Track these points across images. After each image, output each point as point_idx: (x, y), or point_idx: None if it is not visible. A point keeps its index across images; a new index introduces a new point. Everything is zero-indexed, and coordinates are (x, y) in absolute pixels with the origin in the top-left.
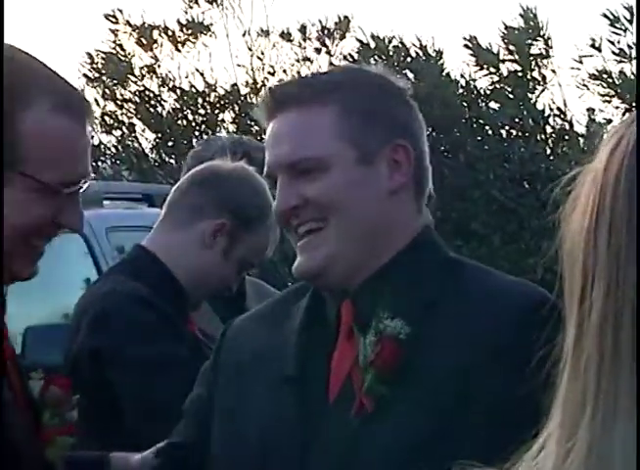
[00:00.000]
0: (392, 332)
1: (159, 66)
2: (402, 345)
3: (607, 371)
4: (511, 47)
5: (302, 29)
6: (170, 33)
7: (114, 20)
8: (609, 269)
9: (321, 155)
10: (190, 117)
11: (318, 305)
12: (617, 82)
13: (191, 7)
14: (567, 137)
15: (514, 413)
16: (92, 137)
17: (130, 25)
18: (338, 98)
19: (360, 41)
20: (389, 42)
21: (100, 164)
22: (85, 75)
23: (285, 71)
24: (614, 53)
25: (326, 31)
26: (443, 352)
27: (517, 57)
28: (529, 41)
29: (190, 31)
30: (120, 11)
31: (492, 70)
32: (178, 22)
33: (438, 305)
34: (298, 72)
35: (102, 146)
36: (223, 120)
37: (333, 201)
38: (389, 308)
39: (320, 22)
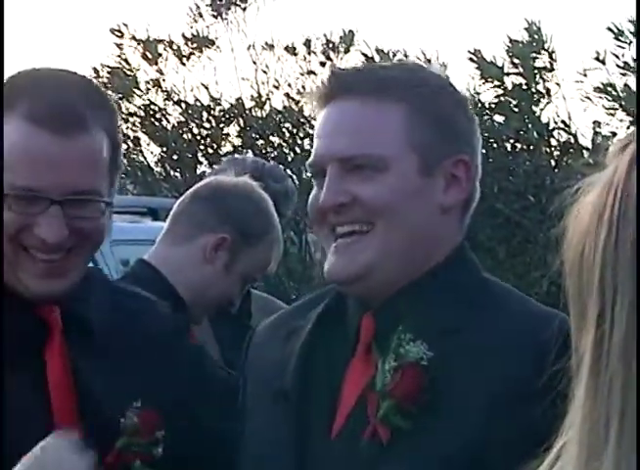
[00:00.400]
0: (415, 357)
1: (163, 79)
2: (423, 372)
3: (632, 392)
4: (515, 60)
5: (307, 43)
6: (175, 47)
7: (119, 34)
8: (631, 285)
9: (384, 154)
10: (195, 130)
11: (334, 316)
12: (621, 95)
13: (196, 21)
14: (571, 150)
15: (534, 447)
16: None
17: (135, 40)
18: (407, 96)
19: (365, 54)
20: (394, 55)
21: None
22: None
23: (290, 85)
24: (618, 66)
25: (331, 45)
26: (463, 382)
27: (521, 70)
28: (534, 54)
29: (195, 45)
30: (126, 25)
31: (497, 83)
32: (183, 35)
33: (461, 332)
34: (303, 86)
35: None
36: (228, 134)
37: (386, 205)
38: (411, 329)
39: (325, 35)
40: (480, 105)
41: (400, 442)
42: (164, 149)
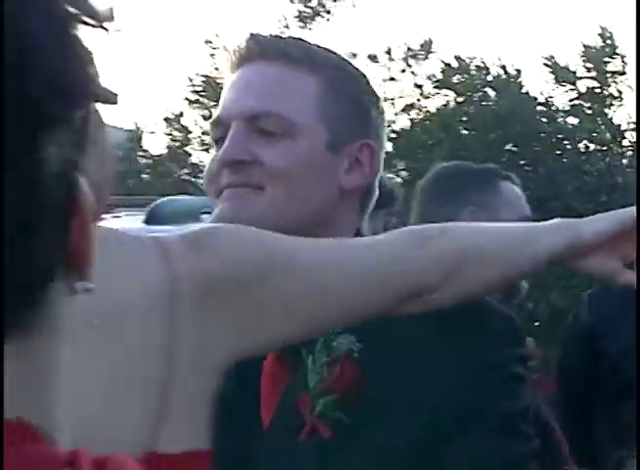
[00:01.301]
0: (347, 349)
1: None
2: (356, 363)
3: None
4: (588, 65)
5: (388, 51)
6: None
7: (212, 44)
8: None
9: (295, 120)
10: None
11: None
12: None
13: (283, 31)
14: None
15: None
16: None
17: (227, 50)
18: (324, 71)
19: (443, 61)
20: (471, 62)
21: (199, 180)
22: (186, 98)
23: None
24: None
25: (410, 52)
26: (397, 372)
27: (594, 74)
28: (607, 59)
29: None
30: (218, 36)
31: (570, 87)
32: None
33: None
34: (384, 92)
35: (201, 164)
36: None
37: (287, 171)
38: None
39: (405, 44)
40: (554, 108)
41: (342, 436)
42: None
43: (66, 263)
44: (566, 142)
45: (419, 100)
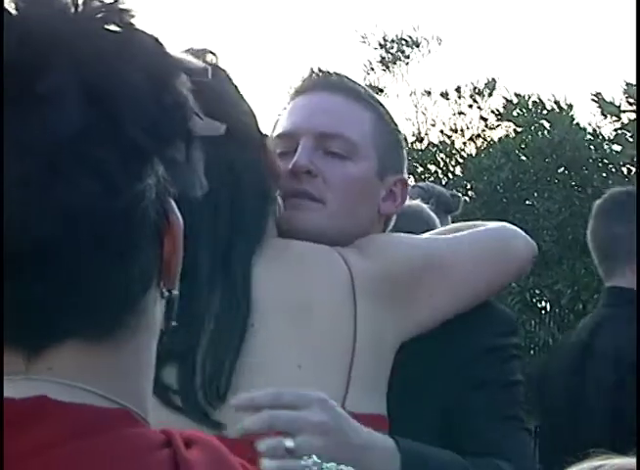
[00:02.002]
0: None
1: None
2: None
3: None
4: (630, 100)
5: (458, 89)
6: None
7: None
8: None
9: (358, 145)
10: None
11: None
12: None
13: (368, 73)
14: None
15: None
16: None
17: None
18: (377, 110)
19: (505, 98)
20: (529, 98)
21: None
22: None
23: (443, 123)
24: None
25: (477, 90)
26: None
27: (636, 107)
28: None
29: None
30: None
31: (615, 118)
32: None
33: None
34: (455, 124)
35: None
36: None
37: (346, 190)
38: None
39: (472, 83)
40: (600, 137)
41: None
42: None
43: (159, 274)
44: (610, 166)
45: (484, 131)
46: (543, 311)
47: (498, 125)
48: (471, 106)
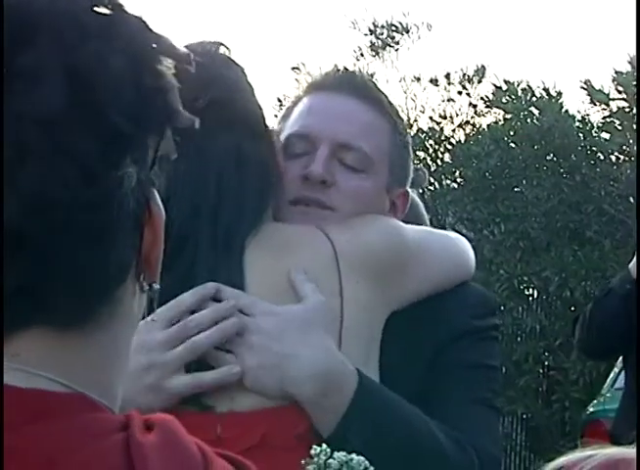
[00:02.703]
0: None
1: None
2: None
3: None
4: (619, 88)
5: (447, 76)
6: None
7: (298, 71)
8: None
9: (374, 159)
10: None
11: None
12: None
13: (358, 59)
14: None
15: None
16: None
17: (310, 75)
18: (393, 123)
19: (494, 85)
20: (518, 85)
21: None
22: (276, 116)
23: (433, 110)
24: None
25: (466, 77)
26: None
27: (624, 95)
28: (635, 82)
29: None
30: (304, 64)
31: (604, 106)
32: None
33: None
34: (444, 111)
35: None
36: None
37: (357, 200)
38: None
39: (461, 69)
40: (589, 124)
41: None
42: None
43: (137, 266)
44: (599, 154)
45: (473, 117)
46: (531, 298)
47: (487, 112)
48: (460, 92)
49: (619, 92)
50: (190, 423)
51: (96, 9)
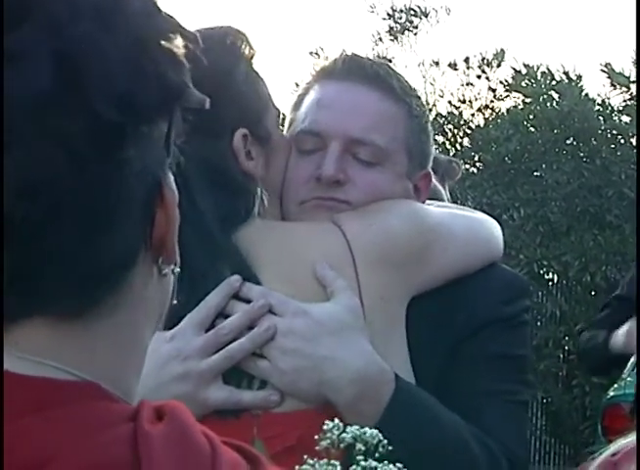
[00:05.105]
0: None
1: None
2: None
3: None
4: None
5: (466, 60)
6: None
7: (316, 56)
8: None
9: (388, 151)
10: None
11: None
12: None
13: (376, 44)
14: None
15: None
16: None
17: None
18: (408, 107)
19: (514, 68)
20: (538, 69)
21: None
22: None
23: (452, 94)
24: None
25: (485, 61)
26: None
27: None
28: None
29: None
30: (322, 49)
31: (624, 89)
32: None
33: None
34: (463, 95)
35: None
36: None
37: (374, 194)
38: None
39: (480, 53)
40: (609, 108)
41: None
42: None
43: (152, 250)
44: (619, 137)
45: (492, 101)
46: (550, 283)
47: (507, 96)
48: (479, 76)
49: None
50: (227, 424)
51: None
